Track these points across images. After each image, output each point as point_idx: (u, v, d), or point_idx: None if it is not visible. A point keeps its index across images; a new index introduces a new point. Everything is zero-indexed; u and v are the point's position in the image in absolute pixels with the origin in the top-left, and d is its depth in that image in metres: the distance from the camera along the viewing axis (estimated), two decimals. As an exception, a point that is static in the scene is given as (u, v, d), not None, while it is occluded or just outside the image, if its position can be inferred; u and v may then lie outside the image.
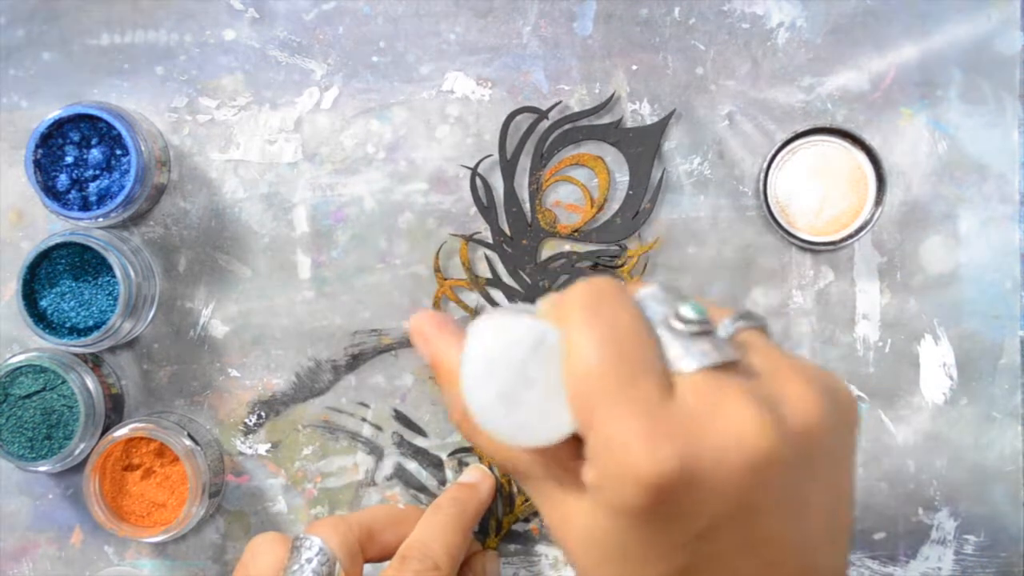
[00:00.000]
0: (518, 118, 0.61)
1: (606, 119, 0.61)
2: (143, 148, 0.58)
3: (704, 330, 0.37)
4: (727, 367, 0.36)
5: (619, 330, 0.36)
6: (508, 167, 0.61)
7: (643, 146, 0.61)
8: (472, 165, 0.62)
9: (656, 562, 0.36)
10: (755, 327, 0.38)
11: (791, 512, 0.36)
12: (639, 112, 0.62)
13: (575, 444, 0.38)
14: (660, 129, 0.61)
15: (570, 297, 0.37)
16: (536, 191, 0.62)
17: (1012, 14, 0.61)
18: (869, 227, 0.61)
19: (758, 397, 0.35)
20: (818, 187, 0.61)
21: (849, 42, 0.61)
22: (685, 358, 0.36)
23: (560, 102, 0.61)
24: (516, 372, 0.37)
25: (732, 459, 0.34)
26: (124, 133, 0.58)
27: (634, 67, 0.62)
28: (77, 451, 0.59)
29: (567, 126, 0.61)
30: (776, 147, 0.61)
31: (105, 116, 0.57)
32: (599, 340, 0.36)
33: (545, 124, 0.61)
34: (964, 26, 0.61)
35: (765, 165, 0.61)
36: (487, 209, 0.61)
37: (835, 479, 0.38)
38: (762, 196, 0.61)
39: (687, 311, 0.37)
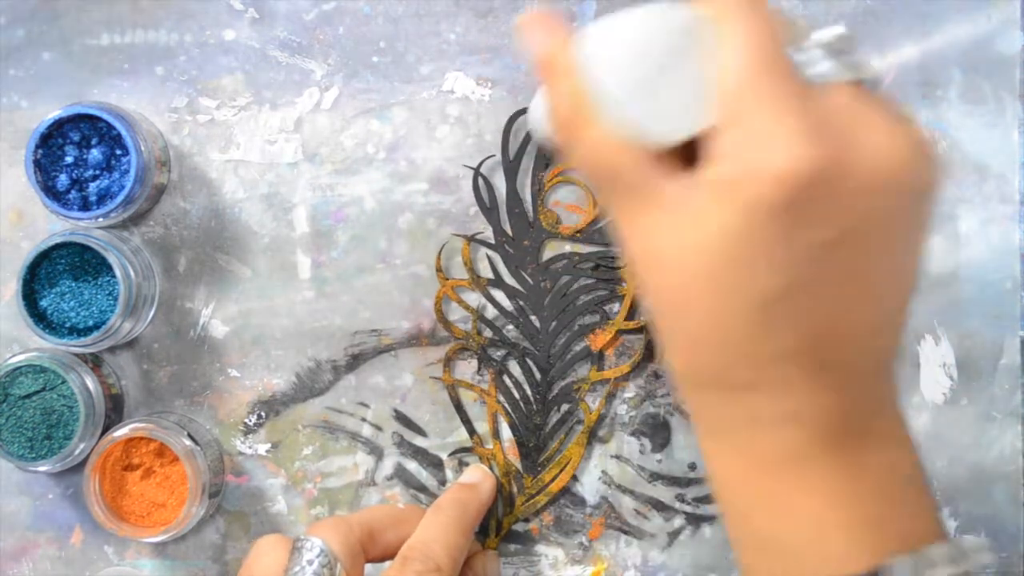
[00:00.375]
0: (521, 118, 0.61)
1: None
2: (143, 148, 0.58)
3: (839, 51, 0.37)
4: (861, 86, 0.37)
5: (776, 30, 0.36)
6: (511, 168, 0.61)
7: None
8: (474, 165, 0.62)
9: (768, 274, 0.36)
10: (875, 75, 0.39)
11: (895, 241, 0.37)
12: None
13: (685, 152, 0.37)
14: None
15: None
16: (539, 192, 0.62)
17: (1012, 14, 0.61)
18: (869, 227, 0.61)
19: (905, 122, 0.36)
20: (818, 187, 0.61)
21: (849, 42, 0.61)
22: (833, 69, 0.37)
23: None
24: (663, 57, 0.36)
25: (879, 170, 0.35)
26: (124, 133, 0.58)
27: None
28: (77, 451, 0.59)
29: None
30: (776, 147, 0.61)
31: (105, 116, 0.57)
32: (758, 34, 0.36)
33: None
34: (964, 26, 0.61)
35: (765, 165, 0.61)
36: (489, 209, 0.61)
37: (923, 230, 0.38)
38: (762, 196, 0.61)
39: (839, 29, 0.37)
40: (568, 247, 0.62)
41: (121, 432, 0.59)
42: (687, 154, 0.38)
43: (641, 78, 0.36)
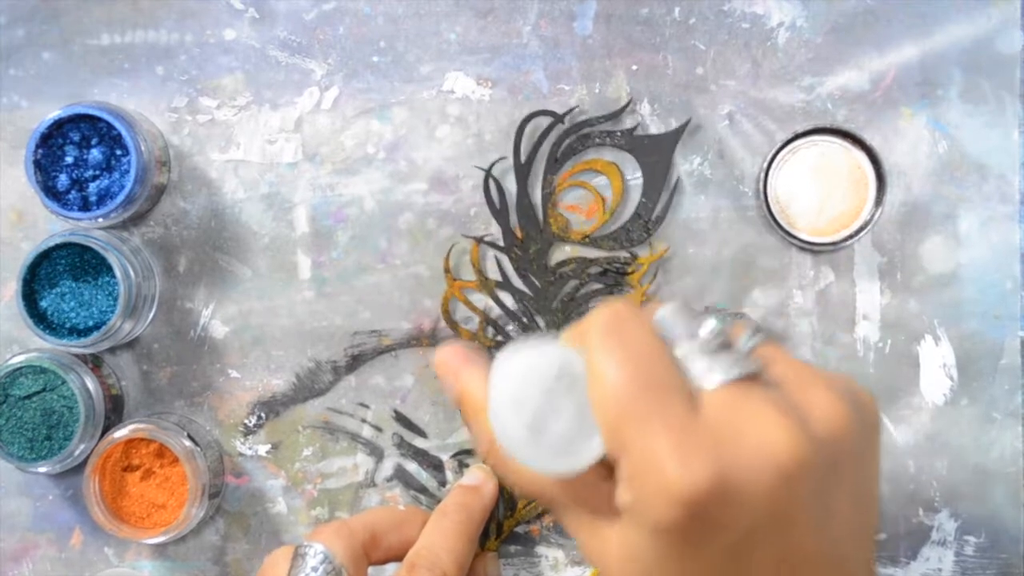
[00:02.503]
0: (533, 121, 0.61)
1: (620, 122, 0.61)
2: (143, 148, 0.58)
3: (725, 344, 0.37)
4: (750, 380, 0.36)
5: (641, 351, 0.36)
6: (522, 170, 0.61)
7: (657, 154, 0.61)
8: (476, 165, 0.62)
9: None
10: (770, 340, 0.39)
11: (821, 520, 0.37)
12: (639, 112, 0.62)
13: (605, 470, 0.38)
14: (675, 138, 0.61)
15: (589, 323, 0.38)
16: (549, 195, 0.61)
17: (1012, 14, 0.61)
18: (869, 227, 0.61)
19: (784, 406, 0.36)
20: (818, 187, 0.61)
21: (849, 42, 0.61)
22: (709, 373, 0.36)
23: (576, 107, 0.61)
24: (543, 401, 0.38)
25: (764, 468, 0.35)
26: (124, 133, 0.58)
27: (634, 67, 0.62)
28: (77, 452, 0.59)
29: (583, 130, 0.61)
30: (776, 147, 0.61)
31: (105, 116, 0.57)
32: (622, 362, 0.36)
33: (560, 128, 0.61)
34: (964, 26, 0.61)
35: (765, 165, 0.61)
36: (499, 212, 0.61)
37: (861, 483, 0.38)
38: (762, 196, 0.61)
39: (710, 324, 0.37)
40: (577, 252, 0.62)
41: (121, 433, 0.59)
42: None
43: (529, 422, 0.38)
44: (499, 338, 0.62)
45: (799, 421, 0.35)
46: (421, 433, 0.62)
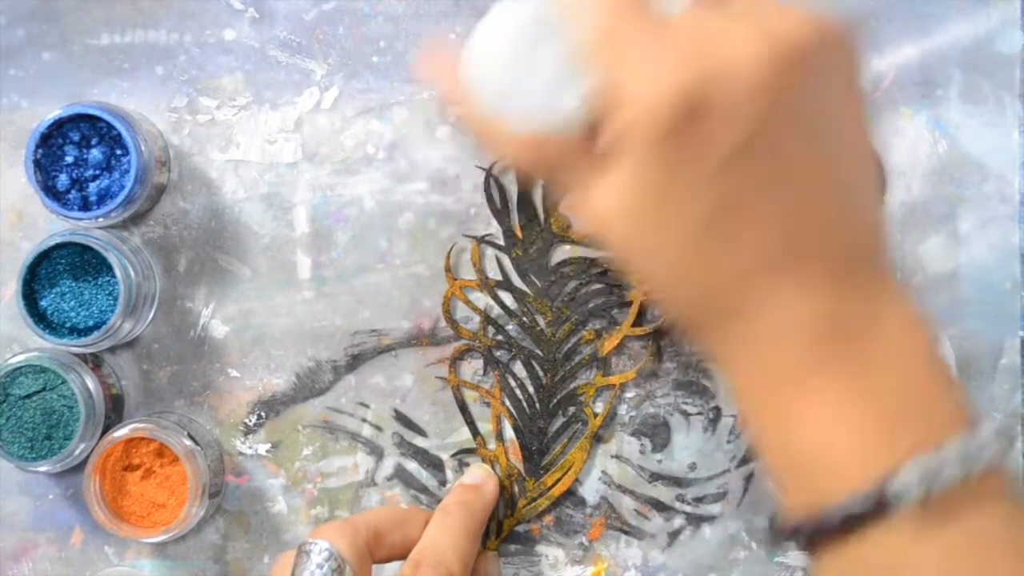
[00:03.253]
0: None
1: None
2: (143, 148, 0.58)
3: None
4: (710, 3, 0.37)
5: None
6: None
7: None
8: (476, 165, 0.62)
9: (690, 201, 0.37)
10: None
11: (810, 134, 0.37)
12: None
13: (589, 129, 0.39)
14: None
15: None
16: (550, 194, 0.61)
17: (1012, 14, 0.61)
18: (869, 227, 0.61)
19: (751, 21, 0.36)
20: (818, 187, 0.61)
21: (849, 42, 0.61)
22: (672, 3, 0.38)
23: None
24: (524, 51, 0.38)
25: (740, 77, 0.35)
26: (124, 133, 0.58)
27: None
28: (77, 451, 0.59)
29: None
30: (776, 147, 0.61)
31: (105, 116, 0.57)
32: None
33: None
34: (964, 26, 0.61)
35: (765, 165, 0.61)
36: (500, 211, 0.61)
37: (847, 107, 0.38)
38: (762, 196, 0.61)
39: None
40: (579, 251, 0.62)
41: (121, 432, 0.59)
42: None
43: (513, 74, 0.38)
44: (499, 337, 0.62)
45: (762, 29, 0.36)
46: (421, 432, 0.62)
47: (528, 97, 0.38)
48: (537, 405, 0.62)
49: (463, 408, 0.62)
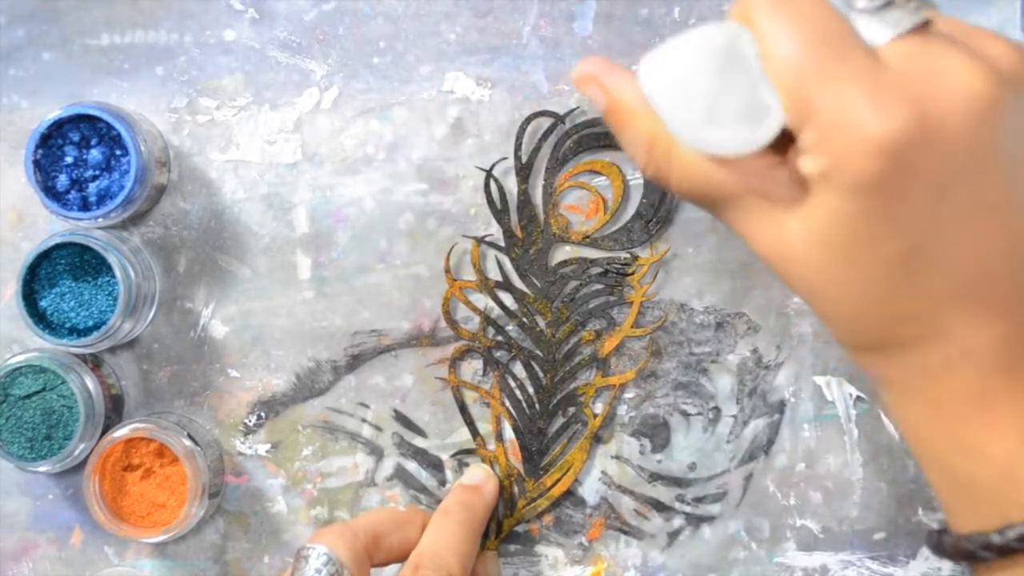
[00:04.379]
0: (535, 121, 0.61)
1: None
2: (143, 148, 0.58)
3: (889, 2, 0.37)
4: (924, 31, 0.36)
5: (812, 12, 0.36)
6: (523, 171, 0.61)
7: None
8: (476, 166, 0.62)
9: (889, 240, 0.36)
10: (931, 6, 0.38)
11: (1012, 164, 0.36)
12: (639, 112, 0.61)
13: (779, 154, 0.38)
14: None
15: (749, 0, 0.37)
16: (550, 196, 0.61)
17: (1012, 14, 0.61)
18: (869, 227, 0.61)
19: (968, 49, 0.35)
20: (818, 187, 0.61)
21: (849, 42, 0.61)
22: (881, 29, 0.36)
23: (577, 108, 0.61)
24: (714, 81, 0.37)
25: (960, 109, 0.34)
26: (124, 133, 0.58)
27: (634, 67, 0.61)
28: (77, 451, 0.59)
29: (585, 131, 0.61)
30: (776, 147, 0.61)
31: (105, 116, 0.57)
32: (794, 25, 0.36)
33: (561, 128, 0.61)
34: (964, 26, 0.61)
35: (765, 165, 0.61)
36: (500, 212, 0.61)
37: None
38: (762, 196, 0.61)
39: None
40: (578, 252, 0.62)
41: (121, 432, 0.59)
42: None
43: (704, 104, 0.37)
44: (499, 338, 0.62)
45: (985, 61, 0.35)
46: (421, 433, 0.62)
47: (715, 125, 0.37)
48: (537, 406, 0.62)
49: (463, 408, 0.62)
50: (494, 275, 0.62)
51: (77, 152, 0.58)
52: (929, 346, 0.38)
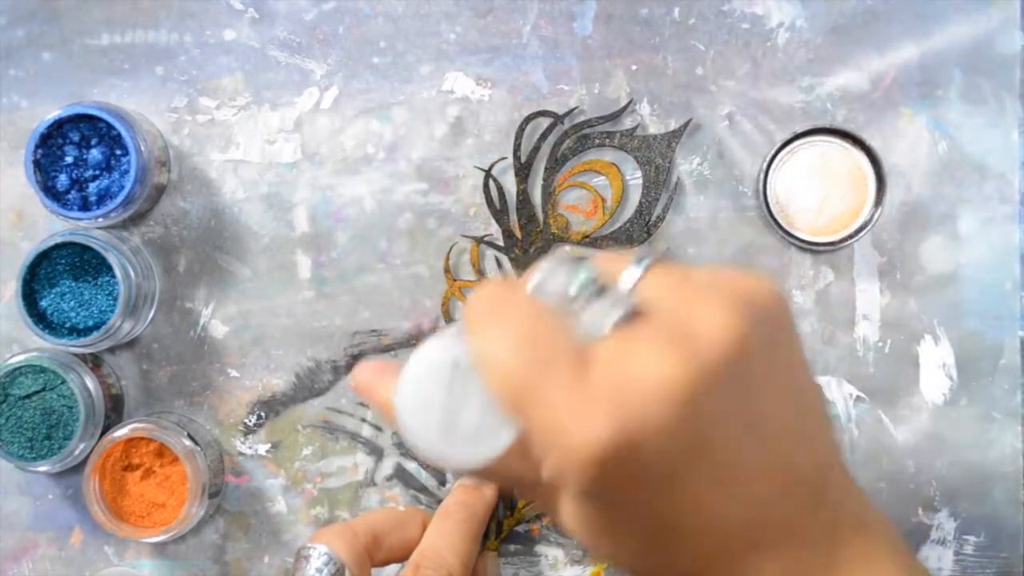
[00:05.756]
0: (533, 121, 0.61)
1: (620, 123, 0.61)
2: (143, 148, 0.58)
3: (601, 289, 0.36)
4: (634, 317, 0.36)
5: (520, 327, 0.36)
6: (522, 170, 0.61)
7: (657, 155, 0.61)
8: (476, 165, 0.62)
9: (634, 526, 0.37)
10: (658, 261, 0.37)
11: (749, 430, 0.36)
12: (639, 113, 0.62)
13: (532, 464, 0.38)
14: (675, 138, 0.61)
15: (465, 311, 0.37)
16: (549, 195, 0.61)
17: (1012, 14, 0.61)
18: (869, 227, 0.61)
19: (668, 335, 0.35)
20: (818, 187, 0.61)
21: (849, 42, 0.61)
22: (595, 321, 0.36)
23: (576, 108, 0.61)
24: (447, 397, 0.37)
25: (661, 404, 0.34)
26: (124, 133, 0.58)
27: (634, 67, 0.62)
28: (77, 451, 0.59)
29: (583, 131, 0.61)
30: (776, 147, 0.61)
31: (105, 116, 0.57)
32: (501, 343, 0.35)
33: (560, 128, 0.61)
34: (964, 26, 0.61)
35: (765, 165, 0.61)
36: (499, 212, 0.61)
37: (786, 379, 0.37)
38: (762, 196, 0.61)
39: (577, 279, 0.36)
40: (577, 252, 0.61)
41: (121, 432, 0.59)
42: None
43: (438, 420, 0.37)
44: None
45: (685, 346, 0.34)
46: (421, 433, 0.62)
47: (462, 438, 0.37)
48: (537, 405, 0.62)
49: (463, 408, 0.62)
50: (494, 275, 0.62)
51: (77, 152, 0.58)
52: None
